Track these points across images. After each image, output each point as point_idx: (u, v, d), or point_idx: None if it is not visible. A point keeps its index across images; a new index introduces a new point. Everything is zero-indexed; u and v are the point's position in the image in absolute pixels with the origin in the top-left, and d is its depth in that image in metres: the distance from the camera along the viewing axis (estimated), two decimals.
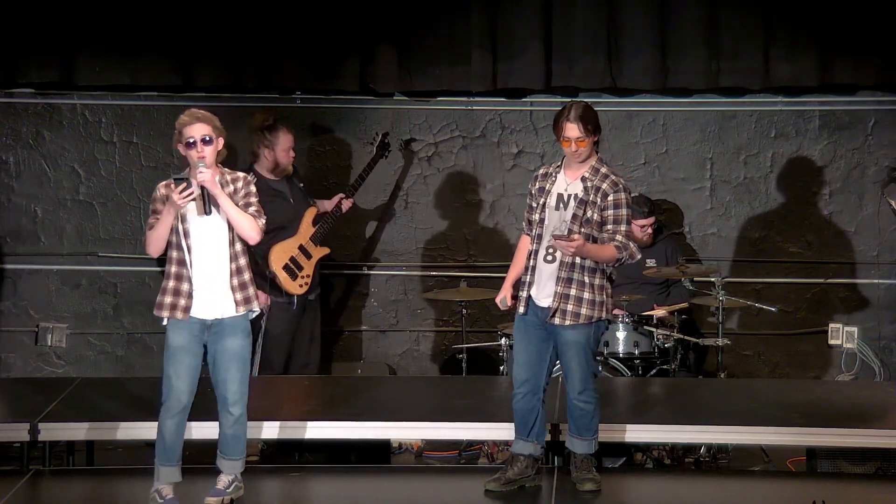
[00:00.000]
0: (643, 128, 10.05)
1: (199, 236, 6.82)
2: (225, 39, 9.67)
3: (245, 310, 6.88)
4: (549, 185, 7.10)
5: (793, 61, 9.58)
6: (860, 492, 7.31)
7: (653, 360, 8.88)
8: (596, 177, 7.05)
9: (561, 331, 7.01)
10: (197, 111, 6.92)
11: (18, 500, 7.03)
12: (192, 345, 6.83)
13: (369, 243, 10.08)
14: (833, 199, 9.95)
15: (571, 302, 7.00)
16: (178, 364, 6.81)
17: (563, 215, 7.03)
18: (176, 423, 6.88)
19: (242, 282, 6.87)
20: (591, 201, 7.01)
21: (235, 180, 6.90)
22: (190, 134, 6.81)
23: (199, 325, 6.84)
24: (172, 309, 6.82)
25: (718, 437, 7.80)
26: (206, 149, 6.79)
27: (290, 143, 9.15)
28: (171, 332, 6.86)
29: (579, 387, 7.04)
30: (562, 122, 7.03)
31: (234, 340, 6.85)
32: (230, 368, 6.84)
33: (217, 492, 7.00)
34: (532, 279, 7.07)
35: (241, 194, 6.87)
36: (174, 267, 6.84)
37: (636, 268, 9.19)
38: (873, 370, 9.82)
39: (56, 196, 10.06)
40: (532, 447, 7.15)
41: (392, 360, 10.07)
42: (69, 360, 10.05)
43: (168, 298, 6.84)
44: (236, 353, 6.86)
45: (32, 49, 9.64)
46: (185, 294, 6.81)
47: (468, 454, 8.62)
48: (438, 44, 9.70)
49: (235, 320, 6.86)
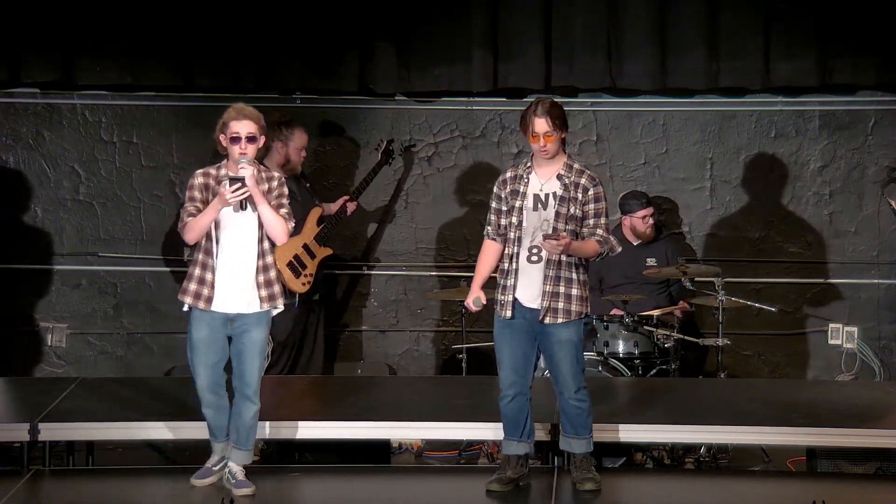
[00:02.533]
0: (643, 128, 10.05)
1: (230, 230, 6.97)
2: (224, 40, 9.67)
3: (269, 306, 7.04)
4: (523, 186, 7.07)
5: (793, 61, 9.58)
6: (860, 492, 7.31)
7: (653, 360, 8.88)
8: (572, 173, 7.05)
9: (552, 330, 7.01)
10: (245, 107, 7.03)
11: (18, 500, 7.03)
12: (212, 339, 7.00)
13: (370, 243, 10.08)
14: (833, 199, 9.95)
15: (562, 300, 7.00)
16: (199, 363, 7.03)
17: (542, 215, 7.02)
18: (212, 411, 7.11)
19: (268, 279, 7.02)
20: (572, 197, 7.01)
21: (270, 179, 7.05)
22: (236, 130, 6.95)
23: (222, 318, 7.00)
24: (196, 297, 6.99)
25: (718, 437, 7.80)
26: (249, 146, 6.95)
27: (303, 142, 9.21)
28: (193, 323, 7.02)
29: (574, 385, 7.04)
30: (529, 118, 7.00)
31: (257, 333, 7.02)
32: (254, 360, 7.02)
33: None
34: (515, 282, 7.05)
35: (274, 194, 7.02)
36: (201, 255, 7.01)
37: (636, 268, 9.20)
38: (873, 370, 9.82)
39: (56, 196, 10.06)
40: (526, 447, 7.16)
41: (392, 360, 10.07)
42: (69, 360, 10.04)
43: (193, 285, 7.00)
44: (260, 346, 7.04)
45: (33, 49, 9.64)
46: (209, 284, 6.97)
47: (468, 454, 8.62)
48: (438, 44, 9.70)
49: (260, 315, 7.02)
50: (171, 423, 7.66)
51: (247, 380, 7.02)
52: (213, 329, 6.99)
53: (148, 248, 10.06)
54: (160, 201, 10.07)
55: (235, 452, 7.11)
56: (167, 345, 10.04)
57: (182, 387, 8.38)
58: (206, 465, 7.22)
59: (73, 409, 7.81)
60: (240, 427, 7.09)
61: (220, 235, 6.96)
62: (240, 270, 6.98)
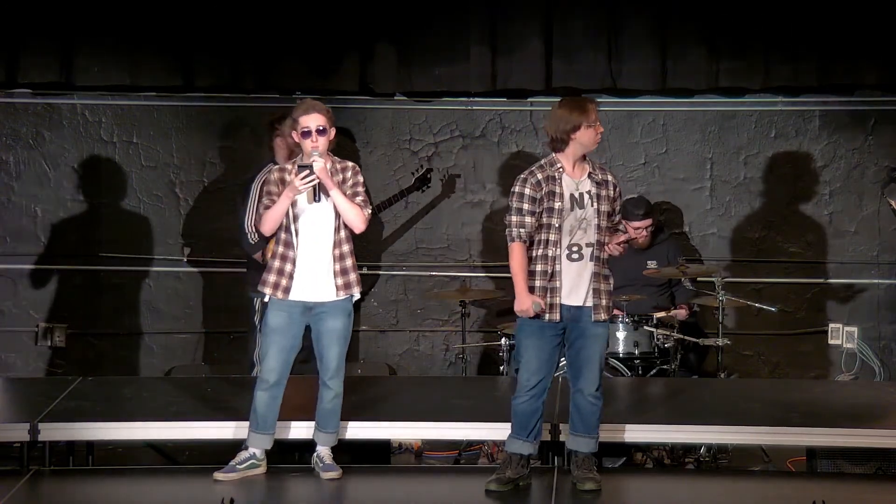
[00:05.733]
0: (643, 128, 10.05)
1: (307, 221, 7.19)
2: (224, 39, 9.67)
3: (345, 294, 7.25)
4: (558, 187, 7.06)
5: (793, 61, 9.58)
6: (860, 492, 7.30)
7: (653, 360, 8.88)
8: (598, 171, 7.15)
9: (591, 326, 7.06)
10: (313, 101, 7.25)
11: (18, 500, 7.02)
12: (288, 327, 7.22)
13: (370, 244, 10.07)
14: (833, 199, 9.96)
15: (605, 296, 7.09)
16: (272, 344, 7.22)
17: (579, 214, 7.04)
18: (268, 396, 7.24)
19: (344, 267, 7.24)
20: (605, 195, 7.09)
21: (345, 169, 7.27)
22: (306, 124, 7.16)
23: (300, 307, 7.22)
24: (275, 288, 7.20)
25: (718, 437, 7.80)
26: (320, 138, 7.16)
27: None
28: (270, 310, 7.24)
29: (595, 382, 7.07)
30: (591, 111, 7.03)
31: (336, 321, 7.24)
32: (332, 346, 7.24)
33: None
34: (559, 283, 7.05)
35: (349, 183, 7.23)
36: (281, 248, 7.23)
37: (637, 268, 9.20)
38: (873, 370, 9.82)
39: (56, 196, 10.06)
40: (531, 447, 7.15)
41: (392, 360, 10.07)
42: (69, 360, 10.04)
43: (272, 277, 7.22)
44: (338, 333, 7.25)
45: (32, 49, 9.63)
46: (288, 274, 7.18)
47: (468, 454, 8.62)
48: (438, 44, 9.69)
49: (337, 303, 7.23)
50: (171, 423, 7.66)
51: (325, 364, 7.24)
52: (291, 316, 7.21)
53: (148, 248, 10.06)
54: (160, 201, 10.07)
55: (318, 435, 7.36)
56: (167, 345, 10.04)
57: (182, 387, 8.40)
58: (232, 462, 7.28)
59: (73, 409, 7.81)
60: (320, 410, 7.31)
61: (298, 227, 7.17)
62: (317, 260, 7.19)
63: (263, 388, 7.23)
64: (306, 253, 7.19)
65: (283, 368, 7.23)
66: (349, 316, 7.29)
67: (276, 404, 7.26)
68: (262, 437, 7.29)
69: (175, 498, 7.23)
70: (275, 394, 7.24)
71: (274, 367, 7.21)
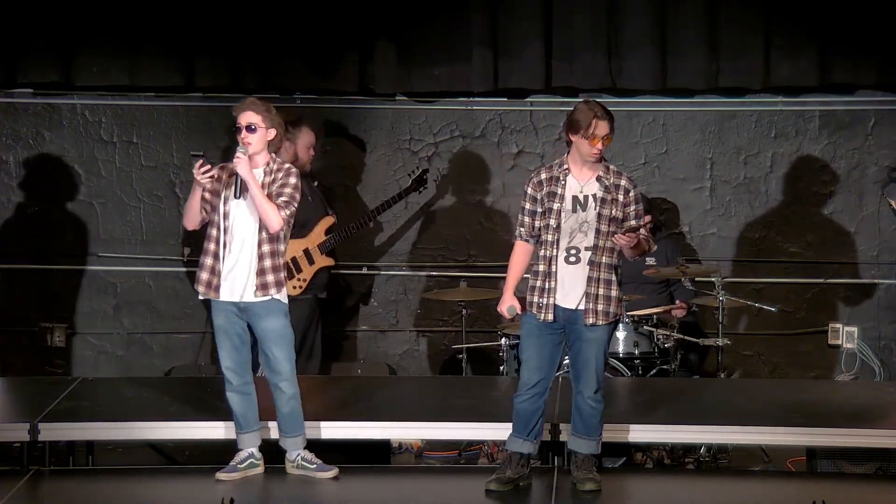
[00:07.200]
0: (643, 128, 10.05)
1: (234, 220, 7.13)
2: (225, 39, 9.67)
3: (263, 295, 7.10)
4: (560, 188, 7.06)
5: (793, 61, 9.58)
6: (860, 492, 7.31)
7: (653, 360, 8.88)
8: (610, 175, 7.07)
9: (587, 329, 7.03)
10: (252, 100, 7.26)
11: (18, 500, 7.03)
12: (231, 325, 7.14)
13: (370, 244, 10.07)
14: (833, 199, 9.96)
15: (601, 301, 7.02)
16: (220, 345, 7.19)
17: (580, 216, 7.03)
18: (237, 395, 7.20)
19: (263, 268, 7.10)
20: (613, 199, 7.03)
21: (279, 170, 7.20)
22: (238, 121, 7.17)
23: (233, 306, 7.13)
24: (207, 286, 7.16)
25: (718, 437, 7.80)
26: (249, 136, 7.13)
27: (311, 140, 9.25)
28: (213, 311, 7.22)
29: (595, 385, 7.05)
30: (590, 120, 6.96)
31: (269, 321, 7.13)
32: (273, 348, 7.14)
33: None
34: (556, 284, 7.05)
35: (278, 183, 7.15)
36: (212, 245, 7.18)
37: (636, 268, 9.19)
38: (873, 370, 9.82)
39: (56, 196, 10.05)
40: (531, 446, 7.16)
41: (392, 360, 10.07)
42: (69, 360, 10.04)
43: (204, 275, 7.17)
44: (277, 333, 7.14)
45: (32, 49, 9.64)
46: (217, 273, 7.13)
47: (468, 454, 8.62)
48: (438, 44, 9.70)
49: (265, 304, 7.12)
50: (171, 423, 7.66)
51: (273, 367, 7.16)
52: (228, 316, 7.15)
53: (148, 248, 10.06)
54: (160, 201, 10.07)
55: (285, 441, 7.29)
56: (167, 345, 10.04)
57: (182, 387, 8.40)
58: (233, 462, 7.28)
59: (73, 409, 7.81)
60: (279, 415, 7.25)
61: (227, 225, 7.12)
62: (243, 259, 7.11)
63: (230, 390, 7.19)
64: (232, 251, 7.12)
65: (241, 367, 7.17)
66: (285, 315, 7.17)
67: (250, 400, 7.22)
68: (248, 435, 7.26)
69: (175, 498, 7.23)
70: (244, 391, 7.19)
71: (230, 367, 7.16)
